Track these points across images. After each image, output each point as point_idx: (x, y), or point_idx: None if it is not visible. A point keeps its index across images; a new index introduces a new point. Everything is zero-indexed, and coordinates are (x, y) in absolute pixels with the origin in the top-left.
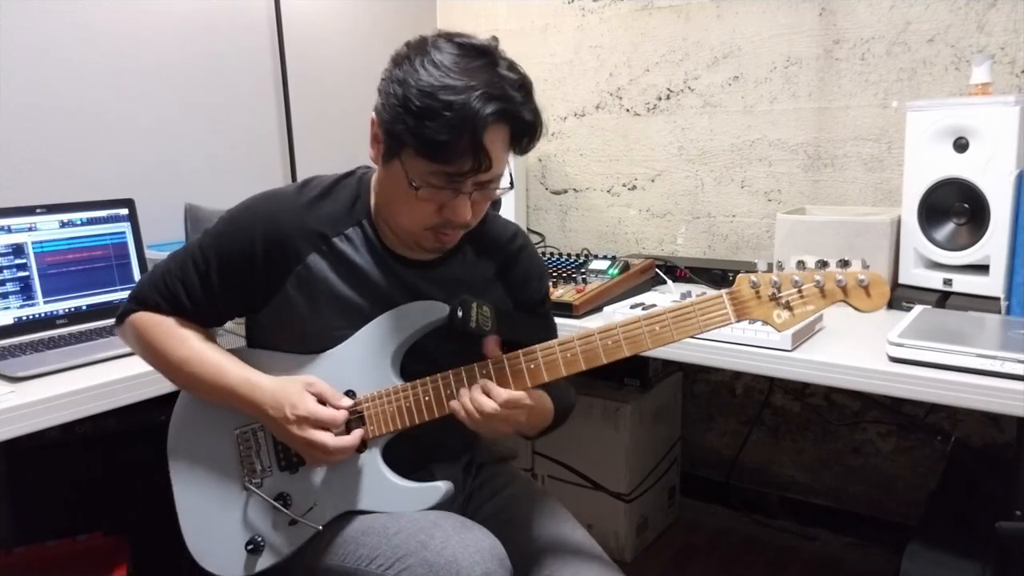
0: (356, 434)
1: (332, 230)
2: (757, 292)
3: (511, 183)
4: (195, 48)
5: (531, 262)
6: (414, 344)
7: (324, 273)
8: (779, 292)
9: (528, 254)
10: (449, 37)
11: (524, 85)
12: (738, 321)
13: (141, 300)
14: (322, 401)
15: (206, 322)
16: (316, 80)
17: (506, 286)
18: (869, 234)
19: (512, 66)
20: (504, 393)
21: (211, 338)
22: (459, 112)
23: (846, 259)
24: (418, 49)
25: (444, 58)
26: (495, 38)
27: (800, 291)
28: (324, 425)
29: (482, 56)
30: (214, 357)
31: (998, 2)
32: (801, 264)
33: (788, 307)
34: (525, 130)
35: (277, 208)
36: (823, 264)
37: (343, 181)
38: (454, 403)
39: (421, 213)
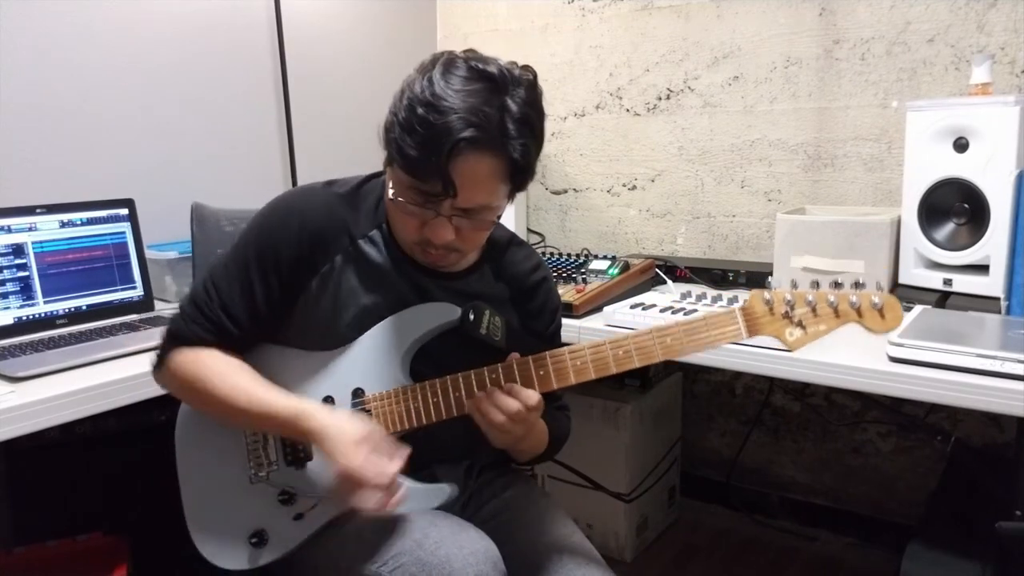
0: (402, 491)
1: (359, 231)
2: (770, 309)
3: (497, 217)
4: (195, 48)
5: (548, 296)
6: (425, 346)
7: (347, 274)
8: (792, 310)
9: (547, 288)
10: (468, 58)
11: (526, 121)
12: (750, 337)
13: (181, 337)
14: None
15: (252, 342)
16: (316, 80)
17: (519, 313)
18: (869, 234)
19: (529, 102)
20: (535, 396)
21: (252, 370)
22: (431, 131)
23: (860, 281)
24: (430, 63)
25: (445, 77)
26: (529, 68)
27: (813, 310)
28: (368, 484)
29: (486, 81)
30: (259, 390)
31: (998, 2)
32: (815, 284)
33: (801, 325)
34: (512, 166)
35: (313, 201)
36: (838, 285)
37: (369, 183)
38: (471, 402)
39: (406, 226)
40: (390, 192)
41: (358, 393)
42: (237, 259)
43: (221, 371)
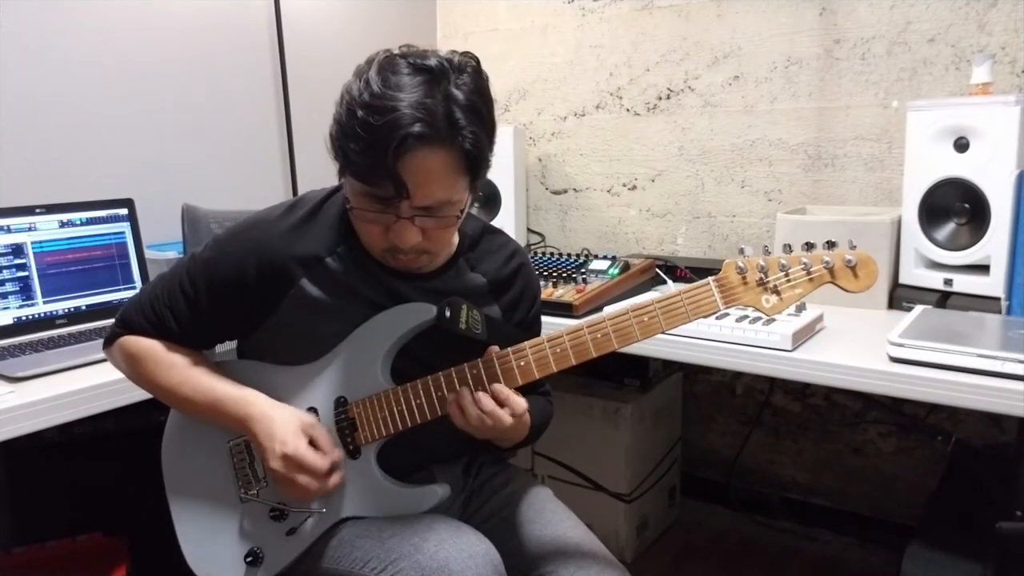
0: (336, 477)
1: (324, 250)
2: (744, 278)
3: (461, 212)
4: (195, 47)
5: (527, 283)
6: (408, 347)
7: (318, 294)
8: (766, 277)
9: (525, 274)
10: (404, 54)
11: (473, 108)
12: (726, 308)
13: (128, 324)
14: (314, 444)
15: (195, 346)
16: (316, 79)
17: (500, 303)
18: (869, 234)
19: (474, 89)
20: (508, 391)
21: (201, 359)
22: (374, 134)
23: (832, 240)
24: (366, 65)
25: (382, 75)
26: (469, 54)
27: (787, 275)
28: (307, 471)
29: (425, 73)
30: (205, 378)
31: (999, 2)
32: (788, 247)
33: (776, 291)
34: (465, 157)
35: (266, 235)
36: (810, 246)
37: (331, 198)
38: (452, 404)
39: (370, 234)
40: (348, 203)
41: (340, 402)
42: (191, 281)
43: (168, 360)
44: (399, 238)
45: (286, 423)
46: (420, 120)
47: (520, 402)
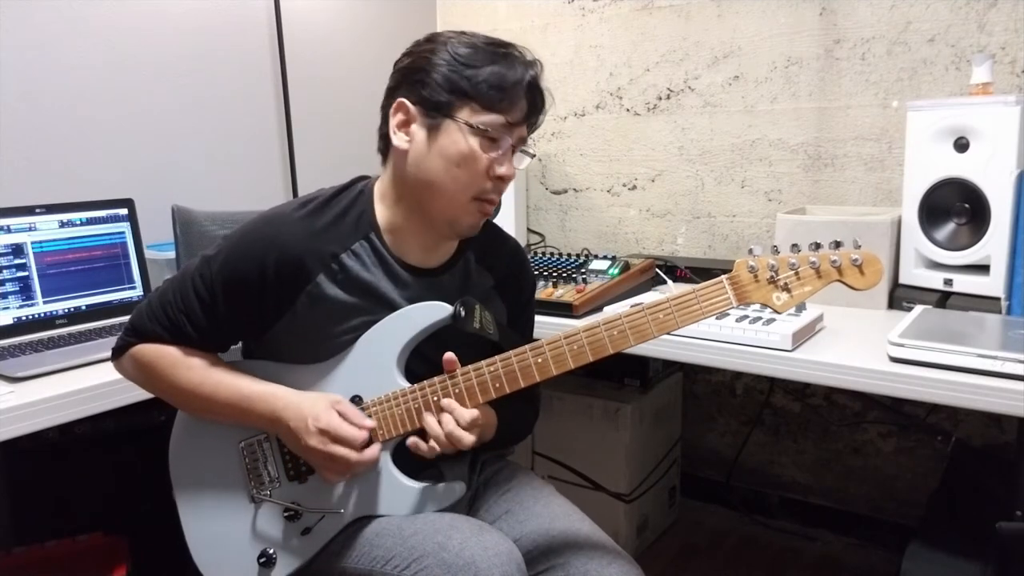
0: (374, 448)
1: (340, 247)
2: (755, 276)
3: (533, 153)
4: (195, 47)
5: (527, 277)
6: (420, 347)
7: (333, 290)
8: (777, 275)
9: (525, 269)
10: (461, 33)
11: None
12: (739, 305)
13: (140, 332)
14: (344, 419)
15: (212, 349)
16: (316, 80)
17: (503, 296)
18: (869, 234)
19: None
20: (467, 413)
21: (219, 361)
22: (510, 58)
23: (838, 240)
24: (436, 38)
25: (469, 39)
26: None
27: (797, 273)
28: (343, 442)
29: (498, 44)
30: (227, 377)
31: (998, 2)
32: (796, 247)
33: (786, 289)
34: (542, 102)
35: (284, 230)
36: (817, 246)
37: (342, 195)
38: (428, 420)
39: (469, 178)
40: (474, 130)
41: (356, 400)
42: (206, 284)
43: (186, 362)
44: (508, 168)
45: (315, 402)
46: (528, 64)
47: (464, 413)
